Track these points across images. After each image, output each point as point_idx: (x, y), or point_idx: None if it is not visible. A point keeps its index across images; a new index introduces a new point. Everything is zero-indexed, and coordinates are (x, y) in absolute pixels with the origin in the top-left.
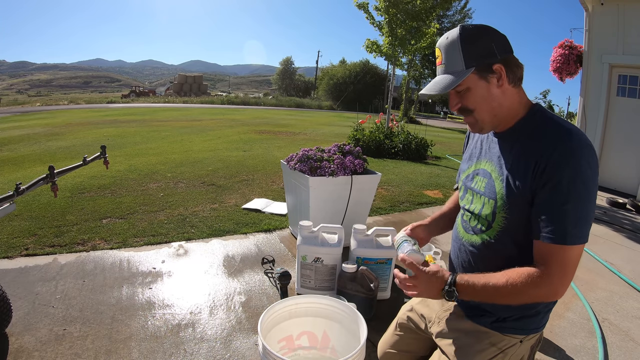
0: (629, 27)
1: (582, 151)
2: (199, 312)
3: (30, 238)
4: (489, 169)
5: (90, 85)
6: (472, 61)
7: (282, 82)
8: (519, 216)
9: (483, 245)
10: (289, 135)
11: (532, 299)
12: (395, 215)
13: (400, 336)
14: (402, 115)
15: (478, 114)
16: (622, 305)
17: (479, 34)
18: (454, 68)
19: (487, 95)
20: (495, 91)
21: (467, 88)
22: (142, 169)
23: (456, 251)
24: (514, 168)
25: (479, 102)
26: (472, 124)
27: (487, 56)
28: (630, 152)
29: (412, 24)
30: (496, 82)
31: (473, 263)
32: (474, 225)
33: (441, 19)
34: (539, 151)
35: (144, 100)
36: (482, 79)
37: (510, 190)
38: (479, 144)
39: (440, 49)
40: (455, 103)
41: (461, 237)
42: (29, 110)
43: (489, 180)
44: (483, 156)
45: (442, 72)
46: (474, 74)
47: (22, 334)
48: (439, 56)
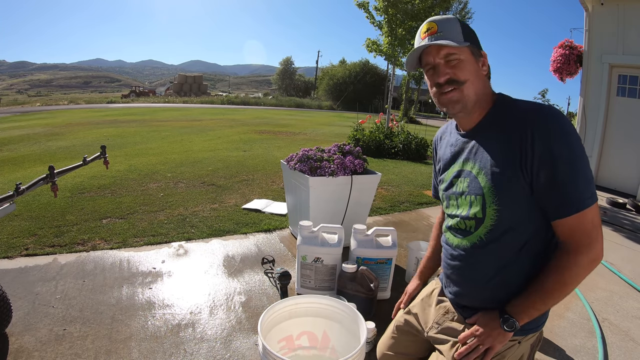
0: (629, 27)
1: (561, 119)
2: (199, 312)
3: (30, 238)
4: (467, 167)
5: (90, 85)
6: (469, 38)
7: (282, 82)
8: (511, 204)
9: (475, 246)
10: (289, 135)
11: (585, 273)
12: (395, 215)
13: (398, 339)
14: (402, 115)
15: (467, 87)
16: (622, 305)
17: (467, 25)
18: (452, 37)
19: (477, 72)
20: (481, 74)
21: (462, 59)
22: (142, 169)
23: (446, 258)
24: (496, 157)
25: (472, 75)
26: (454, 102)
27: (476, 43)
28: (630, 152)
29: (412, 24)
30: (481, 66)
31: (465, 268)
32: (464, 228)
33: None
34: (519, 132)
35: (144, 100)
36: (474, 56)
37: (497, 180)
38: (448, 151)
39: (436, 22)
40: (445, 72)
41: (451, 242)
42: (29, 110)
43: (470, 178)
44: (457, 159)
45: (438, 39)
46: (468, 49)
47: (22, 334)
48: (432, 27)
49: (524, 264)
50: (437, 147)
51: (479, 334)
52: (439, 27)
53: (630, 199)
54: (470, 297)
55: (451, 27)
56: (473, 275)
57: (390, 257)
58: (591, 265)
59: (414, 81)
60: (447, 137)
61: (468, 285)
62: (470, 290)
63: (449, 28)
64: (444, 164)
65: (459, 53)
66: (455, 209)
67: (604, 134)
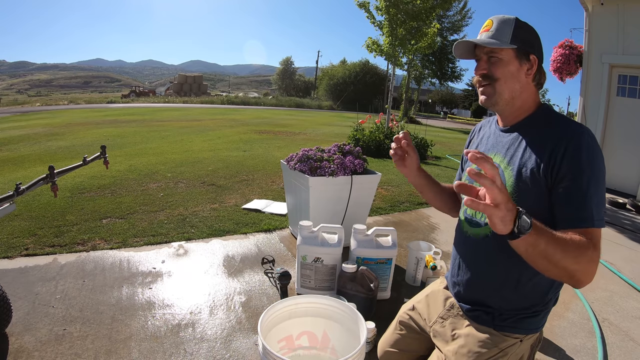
0: (628, 27)
1: (594, 144)
2: (199, 312)
3: (30, 238)
4: (497, 160)
5: (90, 85)
6: (517, 41)
7: (282, 82)
8: (530, 203)
9: (488, 237)
10: (289, 135)
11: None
12: (395, 215)
13: (401, 335)
14: (402, 115)
15: (500, 85)
16: (622, 305)
17: (531, 28)
18: (500, 37)
19: (515, 74)
20: (522, 77)
21: (501, 59)
22: (142, 169)
23: (461, 245)
24: (526, 158)
25: (506, 75)
26: (488, 95)
27: (530, 46)
28: (630, 151)
29: (413, 24)
30: (526, 70)
31: (477, 256)
32: (479, 218)
33: (441, 19)
34: (554, 142)
35: (144, 100)
36: (517, 59)
37: (522, 179)
38: (484, 140)
39: (494, 20)
40: (483, 68)
41: (465, 230)
42: (29, 110)
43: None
44: (490, 150)
45: (487, 37)
46: (513, 51)
47: (22, 334)
48: (488, 24)
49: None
50: (473, 136)
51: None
52: (494, 25)
53: (630, 199)
54: (477, 287)
55: (504, 28)
56: (481, 265)
57: (390, 257)
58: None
59: (414, 81)
60: (485, 128)
61: (476, 275)
62: (477, 279)
63: (502, 28)
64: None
65: (500, 53)
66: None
67: (604, 134)
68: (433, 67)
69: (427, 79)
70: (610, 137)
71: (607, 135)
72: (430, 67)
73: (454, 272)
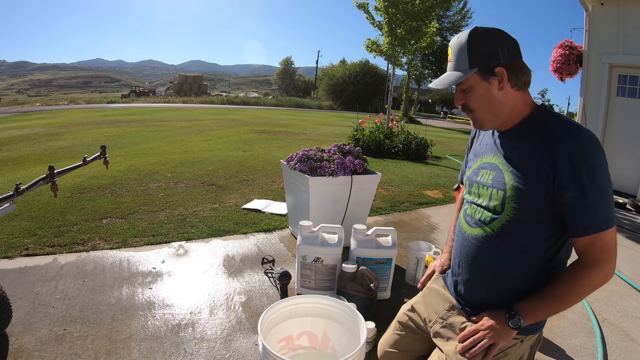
0: (629, 27)
1: (596, 143)
2: (199, 312)
3: (30, 238)
4: (496, 162)
5: (90, 85)
6: (477, 62)
7: (282, 82)
8: (528, 206)
9: (486, 238)
10: (289, 135)
11: (594, 288)
12: (395, 215)
13: (401, 335)
14: (402, 115)
15: (479, 113)
16: (622, 305)
17: (487, 37)
18: (460, 67)
19: (487, 96)
20: (496, 93)
21: (470, 87)
22: (142, 169)
23: (459, 246)
24: (525, 161)
25: (480, 102)
26: (474, 120)
27: (491, 59)
28: (630, 152)
29: (412, 24)
30: (497, 84)
31: (477, 256)
32: (479, 218)
33: (441, 19)
34: (554, 144)
35: (144, 100)
36: (484, 80)
37: (521, 182)
38: (485, 141)
39: (451, 48)
40: (459, 99)
41: (464, 230)
42: (29, 110)
43: (497, 172)
44: (490, 151)
45: (450, 69)
46: (476, 75)
47: (22, 334)
48: (449, 54)
49: (531, 265)
50: (476, 134)
51: (483, 328)
52: (453, 55)
53: (630, 199)
54: (476, 287)
55: (460, 55)
56: (481, 265)
57: (390, 257)
58: (602, 282)
59: (414, 81)
60: None
61: (476, 275)
62: (477, 280)
63: (459, 56)
64: (477, 152)
65: (466, 82)
66: (476, 198)
67: (603, 134)
68: (433, 67)
69: (427, 79)
70: (610, 137)
71: (607, 135)
72: (430, 67)
73: (453, 272)
